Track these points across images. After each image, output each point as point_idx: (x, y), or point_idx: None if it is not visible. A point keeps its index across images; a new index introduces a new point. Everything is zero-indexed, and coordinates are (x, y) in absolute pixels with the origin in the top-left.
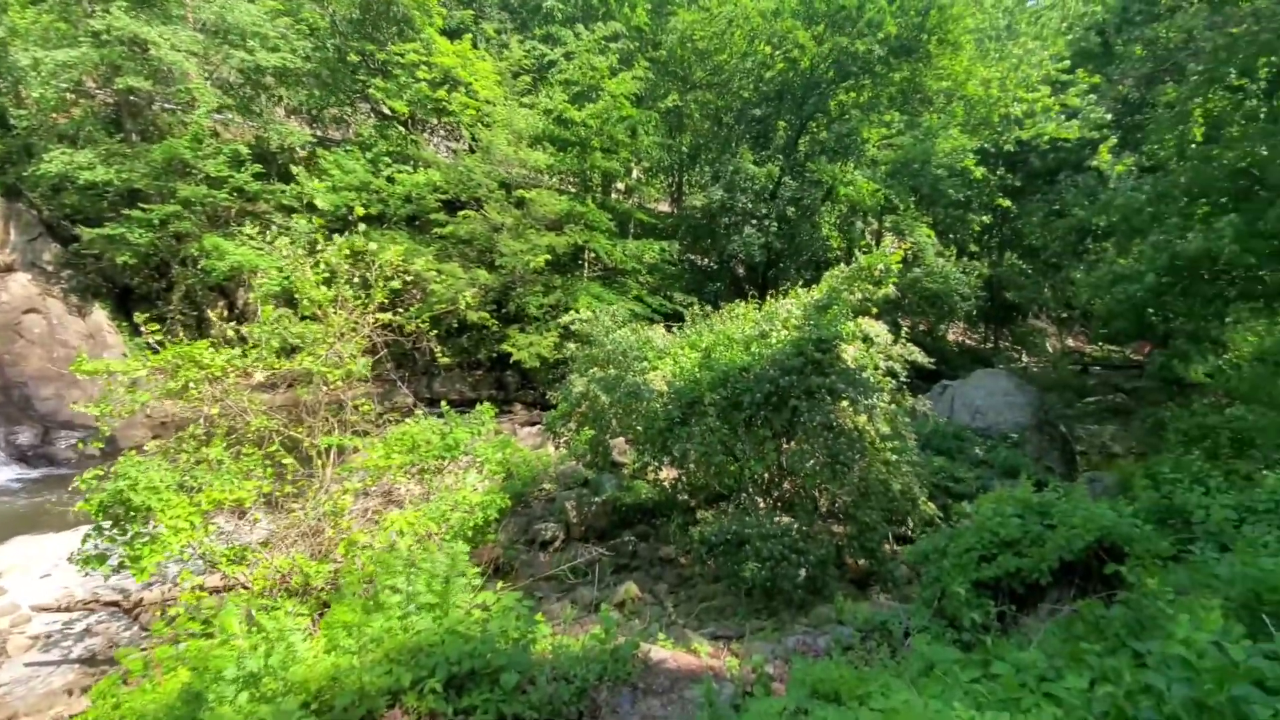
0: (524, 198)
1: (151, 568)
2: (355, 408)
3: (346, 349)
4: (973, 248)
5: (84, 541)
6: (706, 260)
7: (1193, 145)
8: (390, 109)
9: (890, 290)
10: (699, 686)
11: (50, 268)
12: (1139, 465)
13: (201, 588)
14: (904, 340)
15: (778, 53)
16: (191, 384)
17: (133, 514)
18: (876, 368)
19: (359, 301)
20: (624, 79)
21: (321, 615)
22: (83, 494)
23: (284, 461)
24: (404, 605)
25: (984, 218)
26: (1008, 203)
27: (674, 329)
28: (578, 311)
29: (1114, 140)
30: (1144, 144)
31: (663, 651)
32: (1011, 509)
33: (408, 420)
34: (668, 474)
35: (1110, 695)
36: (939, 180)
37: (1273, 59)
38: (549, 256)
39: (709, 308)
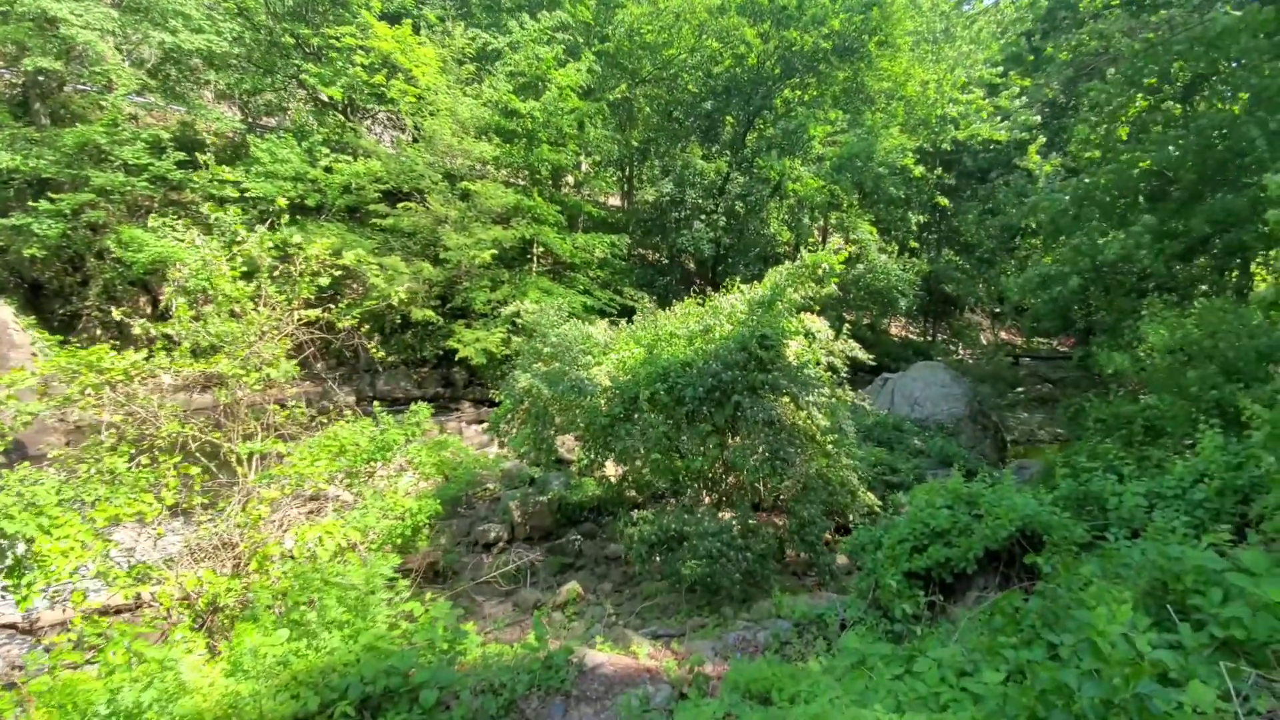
0: (469, 190)
1: (35, 594)
2: (279, 410)
3: (268, 349)
4: (912, 244)
5: None
6: (657, 255)
7: (1119, 143)
8: (328, 95)
9: (833, 289)
10: (634, 690)
11: None
12: (1061, 453)
13: (105, 609)
14: (845, 336)
15: (725, 48)
16: (90, 390)
17: (9, 539)
18: (818, 363)
19: (283, 298)
20: (570, 71)
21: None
22: None
23: (189, 471)
24: (316, 623)
25: (922, 216)
26: (945, 201)
27: (621, 324)
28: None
29: (1042, 141)
30: (1068, 146)
31: (600, 655)
32: (942, 500)
33: (339, 422)
34: (614, 471)
35: (1023, 692)
36: (881, 177)
37: (1191, 63)
38: (495, 251)
39: (657, 302)
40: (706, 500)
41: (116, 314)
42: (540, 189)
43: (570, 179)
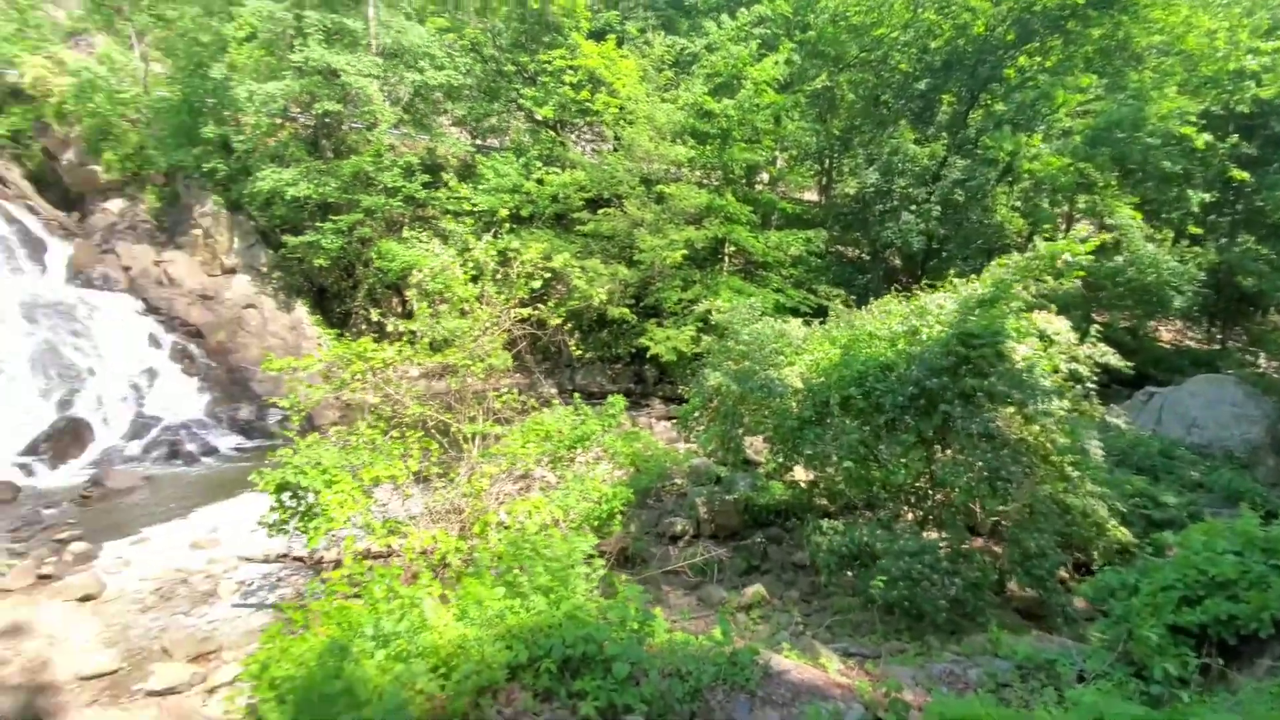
0: (664, 193)
1: (319, 536)
2: (497, 397)
3: (489, 342)
4: (1193, 229)
5: (269, 513)
6: (857, 251)
7: None
8: (541, 115)
9: (1075, 285)
10: (824, 704)
11: (264, 270)
12: None
13: (367, 553)
14: (1094, 339)
15: (944, 19)
16: (358, 375)
17: (303, 491)
18: (1056, 370)
19: (502, 297)
20: (767, 65)
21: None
22: (272, 468)
23: (429, 446)
24: (527, 586)
25: (1208, 194)
26: (1243, 175)
27: (815, 323)
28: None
29: None
30: None
31: (786, 661)
32: (1228, 543)
33: (544, 410)
34: (804, 475)
35: None
36: (1150, 150)
37: None
38: (686, 251)
39: (856, 301)
40: (910, 517)
41: (374, 314)
42: (733, 188)
43: (764, 175)
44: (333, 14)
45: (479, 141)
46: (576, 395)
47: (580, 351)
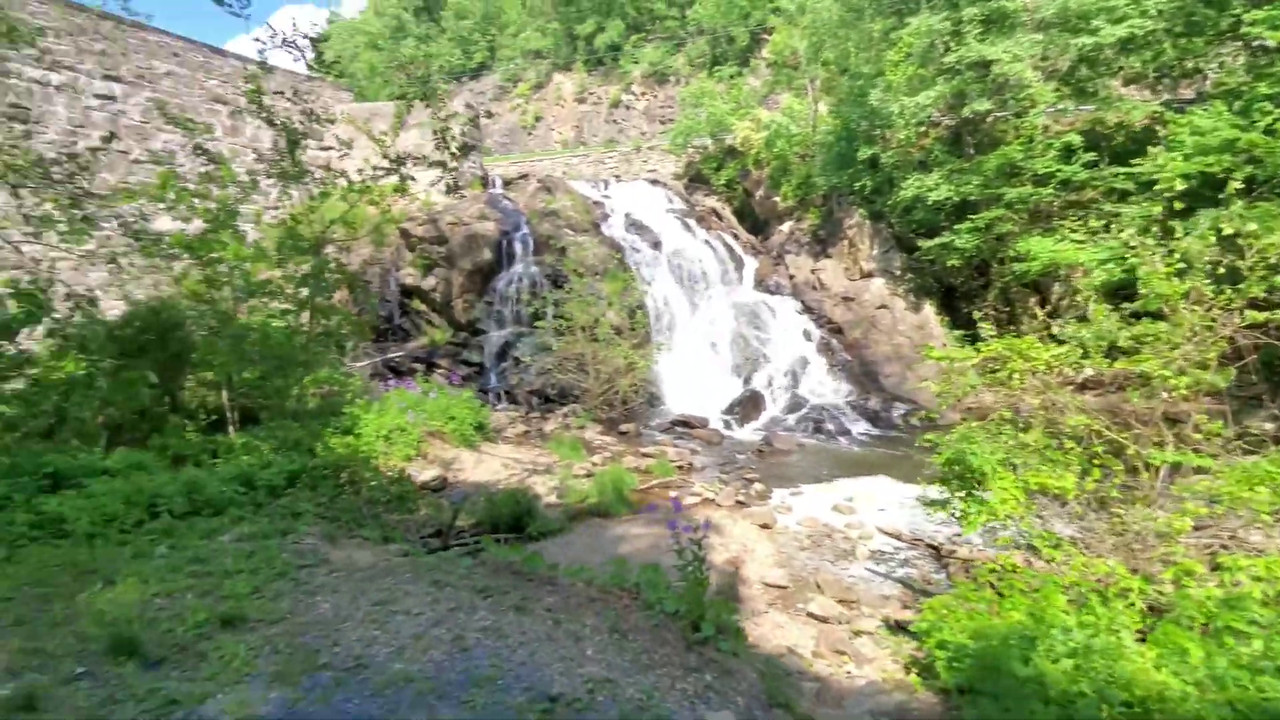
0: None
1: (977, 524)
2: (1198, 426)
3: (1199, 352)
4: None
5: (934, 486)
6: None
7: None
8: (1275, 41)
9: None
10: None
11: (897, 273)
12: None
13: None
14: None
15: None
16: (1016, 375)
17: (970, 476)
18: None
19: (1222, 297)
20: None
21: (1142, 632)
22: (928, 454)
23: (1113, 465)
24: (1257, 660)
25: None
26: None
27: None
28: None
29: None
30: None
31: None
32: None
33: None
34: None
35: None
36: None
37: None
38: None
39: None
40: None
41: (1040, 313)
42: None
43: None
44: (989, 2)
45: (1167, 95)
46: None
47: None
